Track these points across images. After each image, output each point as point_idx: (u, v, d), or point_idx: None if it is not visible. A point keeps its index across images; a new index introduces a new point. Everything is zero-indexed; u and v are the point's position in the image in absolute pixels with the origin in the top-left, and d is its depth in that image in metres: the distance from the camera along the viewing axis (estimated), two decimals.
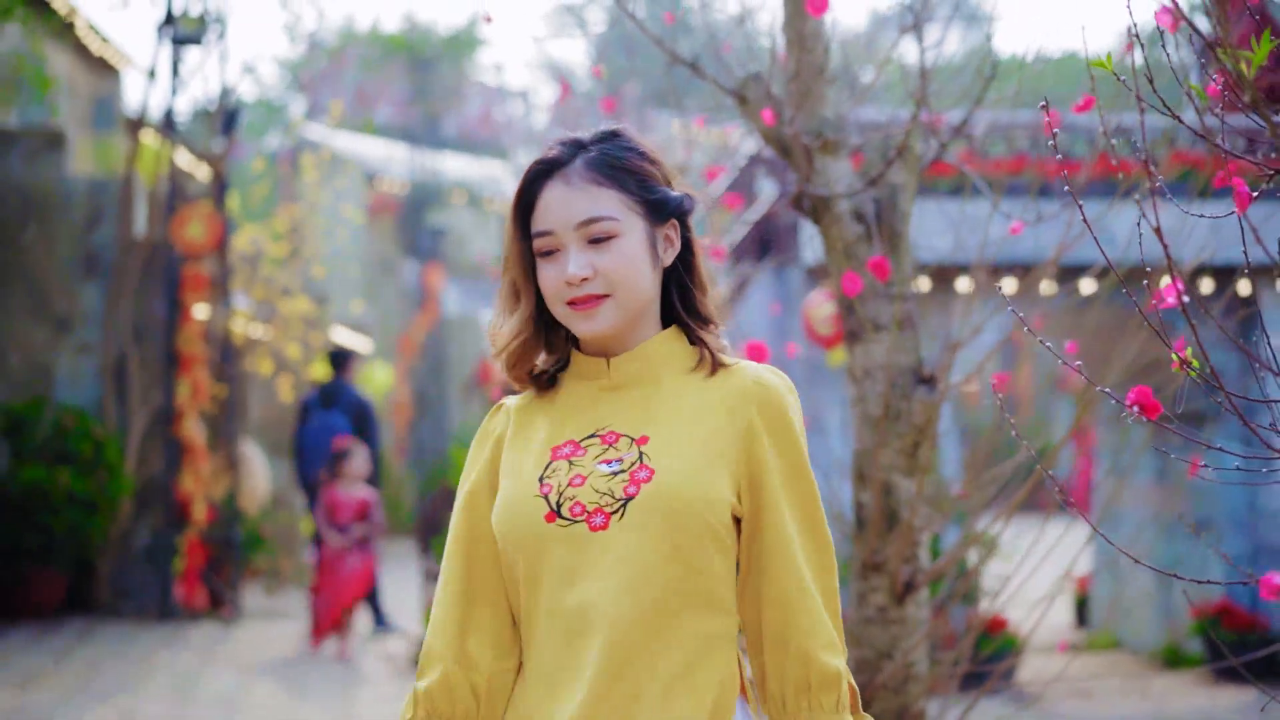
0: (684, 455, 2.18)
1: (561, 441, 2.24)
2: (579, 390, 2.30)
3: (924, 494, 4.10)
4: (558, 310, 2.23)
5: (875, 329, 4.03)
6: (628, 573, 2.13)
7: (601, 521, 2.15)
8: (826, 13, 3.86)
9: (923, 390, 4.03)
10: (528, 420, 2.31)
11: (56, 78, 12.69)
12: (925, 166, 4.23)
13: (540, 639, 2.18)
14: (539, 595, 2.18)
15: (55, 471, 10.77)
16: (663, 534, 2.13)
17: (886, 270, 3.88)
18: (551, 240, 2.21)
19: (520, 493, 2.21)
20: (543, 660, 2.18)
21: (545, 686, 2.16)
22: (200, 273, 11.58)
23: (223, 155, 11.93)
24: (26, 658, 9.42)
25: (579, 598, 2.14)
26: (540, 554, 2.17)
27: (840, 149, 4.11)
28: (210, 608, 11.50)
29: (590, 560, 2.14)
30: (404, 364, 21.13)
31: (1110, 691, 9.31)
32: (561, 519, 2.16)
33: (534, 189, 2.24)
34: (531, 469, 2.23)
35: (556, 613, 2.16)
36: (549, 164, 2.24)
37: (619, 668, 2.11)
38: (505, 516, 2.22)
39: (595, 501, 2.16)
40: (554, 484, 2.19)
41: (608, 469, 2.18)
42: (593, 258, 2.19)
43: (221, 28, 11.81)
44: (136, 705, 8.09)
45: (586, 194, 2.20)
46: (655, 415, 2.23)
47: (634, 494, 2.15)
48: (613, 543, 2.14)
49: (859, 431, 4.13)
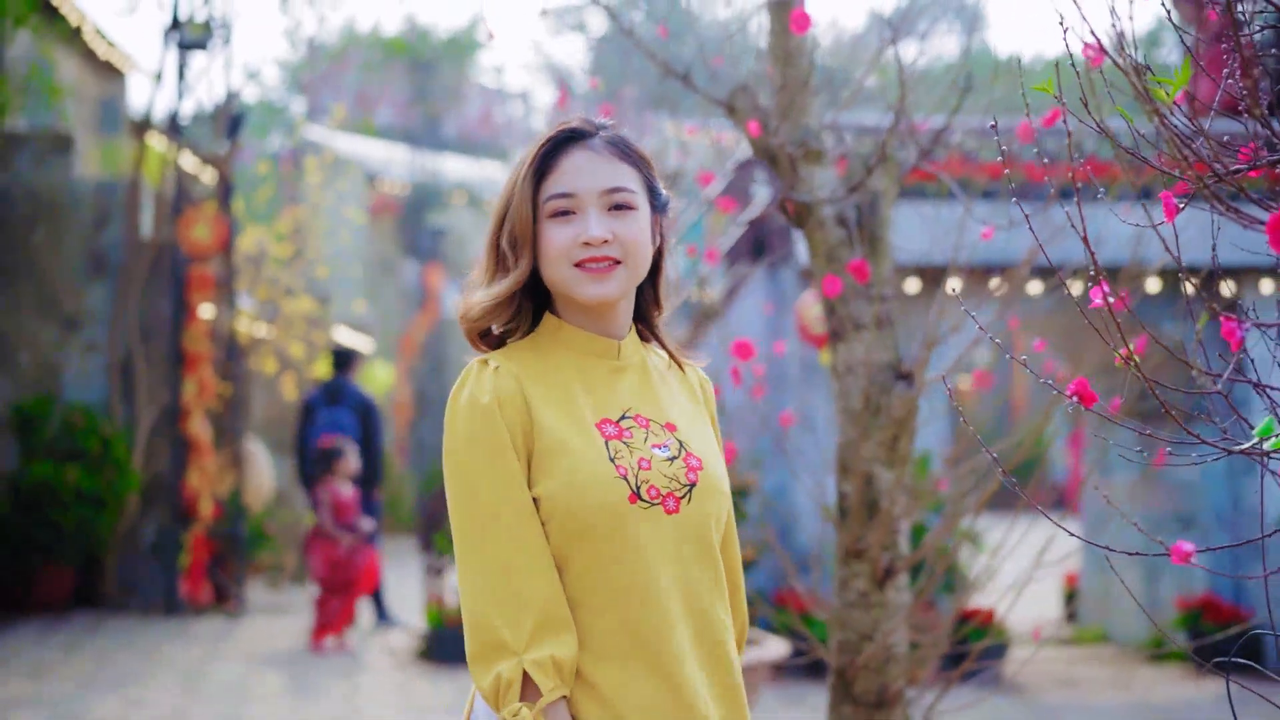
0: (709, 445, 2.37)
1: (601, 419, 2.27)
2: (587, 366, 2.32)
3: (903, 484, 4.31)
4: (562, 271, 2.27)
5: (856, 328, 4.25)
6: (702, 553, 2.29)
7: (674, 506, 2.25)
8: (809, 29, 4.07)
9: (901, 386, 4.25)
10: (543, 386, 2.28)
11: (65, 83, 12.89)
12: (906, 174, 4.45)
13: (631, 615, 2.21)
14: (620, 572, 2.21)
15: (64, 468, 10.99)
16: (716, 518, 2.32)
17: (866, 273, 4.10)
18: (571, 202, 2.27)
19: (597, 472, 2.22)
20: (638, 635, 2.21)
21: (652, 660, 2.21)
22: (206, 273, 11.79)
23: (227, 158, 12.15)
24: (37, 650, 9.64)
25: (655, 582, 2.22)
26: (622, 533, 2.21)
27: (824, 157, 4.33)
28: (215, 602, 11.72)
29: (663, 545, 2.24)
30: (404, 363, 21.34)
31: (1096, 683, 9.52)
32: (642, 501, 2.23)
33: (555, 154, 2.30)
34: (590, 447, 2.24)
35: (633, 598, 2.22)
36: (571, 133, 2.31)
37: (714, 641, 2.28)
38: (582, 494, 2.21)
39: (667, 486, 2.25)
40: (626, 466, 2.24)
41: (662, 454, 2.27)
42: (612, 224, 2.26)
43: (226, 33, 12.02)
44: (146, 695, 8.30)
45: (611, 164, 2.29)
46: (665, 402, 2.36)
47: (695, 481, 2.27)
48: (684, 525, 2.26)
49: (841, 425, 4.34)
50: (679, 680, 2.21)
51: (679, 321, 10.30)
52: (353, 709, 8.20)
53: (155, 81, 11.97)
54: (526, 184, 2.28)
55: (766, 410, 7.38)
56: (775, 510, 9.71)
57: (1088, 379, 2.24)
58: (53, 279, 11.76)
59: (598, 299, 2.27)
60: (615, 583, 2.22)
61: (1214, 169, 1.91)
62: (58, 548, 10.99)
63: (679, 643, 2.23)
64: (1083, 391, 2.25)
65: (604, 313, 2.32)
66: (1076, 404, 2.24)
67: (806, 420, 8.54)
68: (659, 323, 2.41)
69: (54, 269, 11.77)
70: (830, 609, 4.36)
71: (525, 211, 2.27)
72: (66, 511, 10.93)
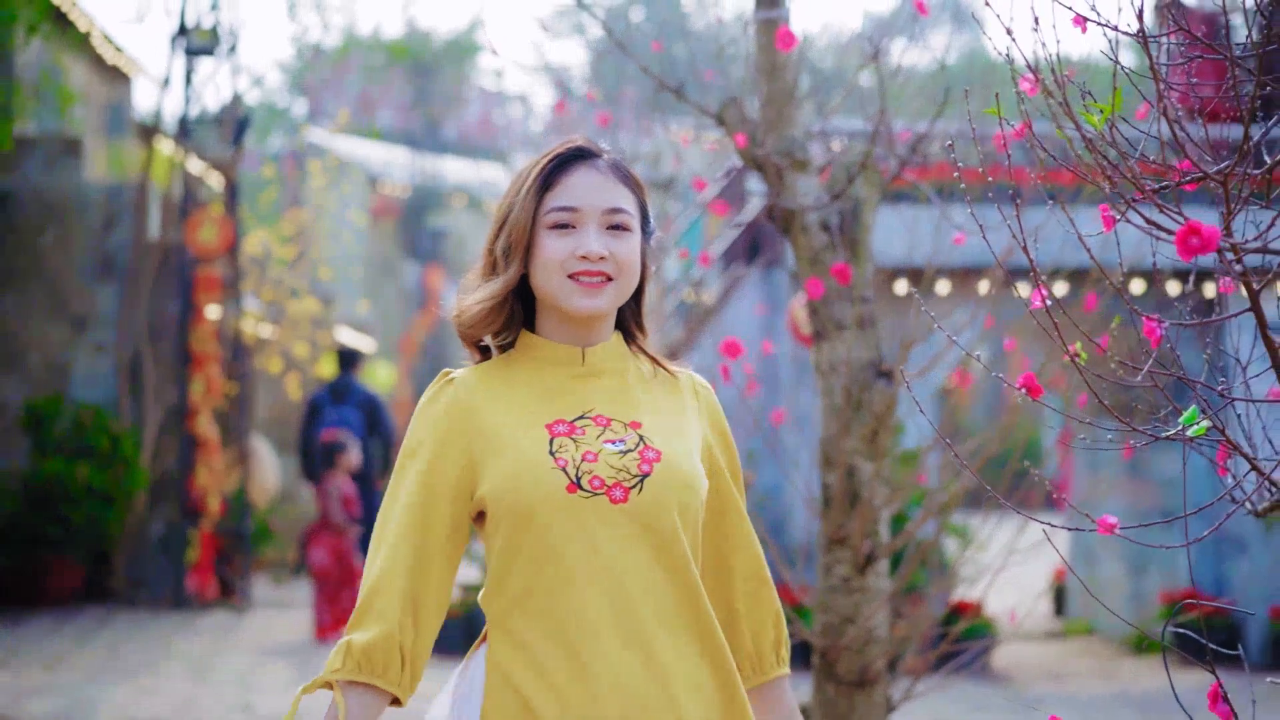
0: (677, 441, 2.39)
1: (553, 420, 2.35)
2: (548, 374, 2.41)
3: (883, 475, 4.57)
4: (554, 282, 2.35)
5: (839, 328, 4.50)
6: (651, 544, 2.31)
7: (621, 495, 2.30)
8: (794, 47, 4.33)
9: (881, 383, 4.51)
10: (495, 395, 2.38)
11: (73, 87, 13.15)
12: (888, 182, 4.70)
13: (563, 607, 2.28)
14: (557, 565, 2.28)
15: (74, 465, 11.24)
16: (673, 510, 2.33)
17: (848, 276, 4.36)
18: (573, 216, 2.35)
19: (534, 465, 2.30)
20: (565, 627, 2.27)
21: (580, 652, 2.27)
22: (212, 275, 12.05)
23: (234, 162, 12.41)
24: (49, 641, 9.90)
25: (603, 567, 2.28)
26: (561, 525, 2.28)
27: (809, 166, 4.58)
28: (221, 597, 11.98)
29: (612, 531, 2.29)
30: (405, 363, 21.61)
31: (1081, 674, 9.77)
32: (583, 490, 2.29)
33: (561, 169, 2.38)
34: (534, 443, 2.32)
35: (579, 581, 2.28)
36: (579, 150, 2.40)
37: (656, 630, 2.30)
38: (517, 486, 2.29)
39: (613, 476, 2.30)
40: (568, 458, 2.31)
41: (614, 448, 2.33)
42: (610, 242, 2.35)
43: (233, 39, 12.28)
44: (157, 684, 8.56)
45: (613, 186, 2.38)
46: (636, 404, 2.41)
47: (648, 472, 2.32)
48: (632, 515, 2.30)
49: (825, 420, 4.60)
50: (595, 662, 2.26)
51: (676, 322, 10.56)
52: None
53: (162, 87, 12.24)
54: (530, 195, 2.36)
55: (759, 409, 7.63)
56: (769, 507, 9.97)
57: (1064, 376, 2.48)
58: (62, 280, 12.01)
59: (588, 311, 2.36)
60: (552, 570, 2.28)
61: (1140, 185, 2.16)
62: (68, 543, 11.25)
63: (606, 627, 2.27)
64: (1029, 384, 2.51)
65: (583, 324, 2.40)
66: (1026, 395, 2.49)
67: (799, 419, 8.79)
68: (639, 333, 2.49)
69: (63, 270, 12.03)
70: (814, 594, 4.62)
71: (524, 220, 2.35)
72: (77, 507, 11.19)
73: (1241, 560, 10.30)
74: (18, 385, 11.84)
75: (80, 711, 7.69)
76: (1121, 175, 2.17)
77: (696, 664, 2.33)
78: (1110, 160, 2.14)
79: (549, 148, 2.44)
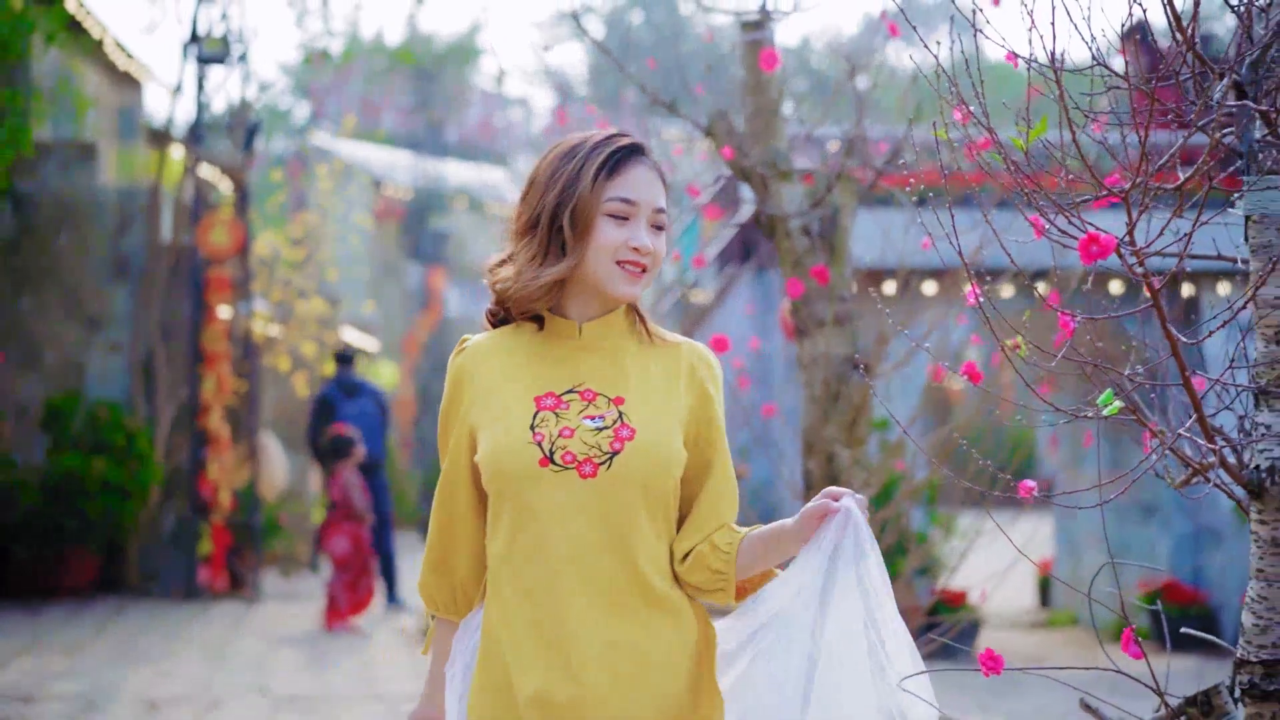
0: (656, 419, 2.51)
1: (543, 392, 2.51)
2: (549, 345, 2.56)
3: (861, 462, 4.94)
4: (604, 265, 2.49)
5: (818, 325, 4.88)
6: (615, 518, 2.46)
7: (590, 470, 2.44)
8: (777, 66, 4.70)
9: (858, 376, 4.88)
10: (497, 363, 2.56)
11: (87, 93, 13.53)
12: (865, 190, 5.07)
13: (532, 571, 2.47)
14: (529, 532, 2.47)
15: (91, 460, 11.62)
16: (641, 486, 2.47)
17: (827, 277, 4.73)
18: (630, 209, 2.50)
19: (514, 439, 2.47)
20: (534, 589, 2.46)
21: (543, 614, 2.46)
22: (223, 276, 12.43)
23: (244, 167, 12.79)
24: (68, 629, 10.28)
25: (569, 536, 2.45)
26: (533, 495, 2.46)
27: (792, 176, 4.96)
28: (232, 589, 12.36)
29: (580, 504, 2.45)
30: (408, 362, 21.99)
31: (1063, 659, 10.13)
32: (554, 465, 2.45)
33: (624, 161, 2.52)
34: (519, 417, 2.49)
35: (547, 548, 2.45)
36: (637, 146, 2.55)
37: (623, 601, 2.45)
38: (498, 458, 2.48)
39: (585, 452, 2.45)
40: (545, 433, 2.46)
41: (592, 424, 2.48)
42: (653, 239, 2.53)
43: (243, 48, 12.66)
44: (174, 668, 8.93)
45: (660, 186, 2.55)
46: (627, 379, 2.54)
47: (619, 449, 2.46)
48: (600, 489, 2.45)
49: (806, 410, 4.97)
50: (563, 629, 2.44)
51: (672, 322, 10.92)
52: (367, 681, 8.83)
53: (174, 93, 12.62)
54: (599, 179, 2.48)
55: (751, 405, 7.98)
56: (762, 498, 10.33)
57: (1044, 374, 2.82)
58: (77, 282, 12.40)
59: (628, 297, 2.53)
60: (521, 538, 2.47)
61: (1052, 199, 2.53)
62: (84, 535, 11.63)
63: (568, 595, 2.44)
64: (970, 372, 2.88)
65: (602, 303, 2.56)
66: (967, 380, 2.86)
67: (789, 414, 9.16)
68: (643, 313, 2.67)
69: (79, 272, 12.41)
70: None
71: (594, 204, 2.48)
72: (93, 501, 11.56)
73: (1218, 551, 10.67)
74: (35, 383, 12.22)
75: (102, 693, 8.06)
76: (1038, 188, 2.54)
77: (661, 636, 2.47)
78: (1027, 176, 2.50)
79: (601, 133, 2.56)
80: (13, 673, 8.58)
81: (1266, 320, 2.66)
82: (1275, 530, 2.69)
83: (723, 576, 2.50)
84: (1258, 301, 2.65)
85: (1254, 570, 2.71)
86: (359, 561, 10.77)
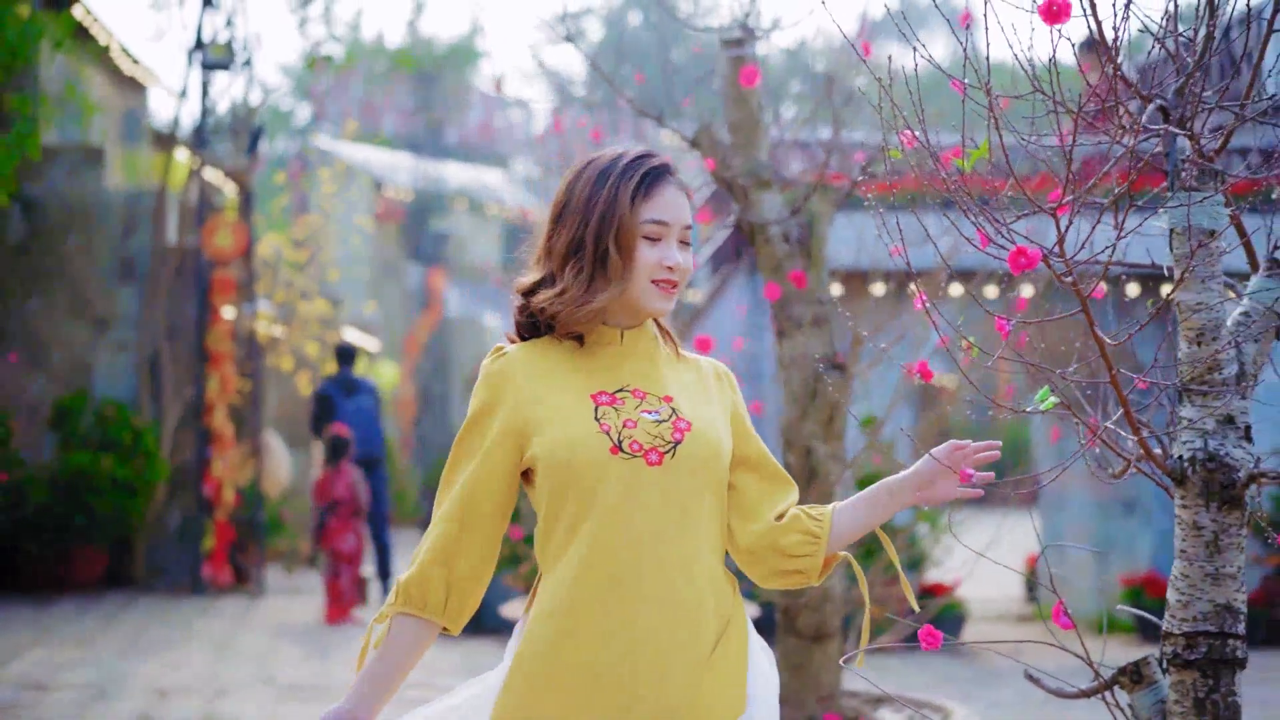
0: (706, 414, 2.66)
1: (596, 391, 2.60)
2: (592, 353, 2.65)
3: (837, 456, 5.21)
4: (641, 284, 2.60)
5: (797, 326, 5.15)
6: (682, 504, 2.57)
7: (656, 459, 2.55)
8: (758, 81, 4.97)
9: (835, 374, 5.15)
10: (543, 369, 2.62)
11: (94, 99, 13.80)
12: (842, 198, 5.35)
13: (604, 559, 2.53)
14: (599, 521, 2.53)
15: (99, 458, 11.90)
16: (702, 473, 2.59)
17: (804, 281, 5.01)
18: (663, 230, 2.60)
19: (582, 430, 2.55)
20: (611, 571, 2.52)
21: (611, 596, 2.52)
22: (227, 277, 12.71)
23: (248, 171, 13.06)
24: (78, 622, 10.56)
25: (642, 522, 2.53)
26: (603, 484, 2.53)
27: (772, 185, 5.23)
28: (236, 584, 12.64)
29: (649, 490, 2.54)
30: (409, 362, 22.25)
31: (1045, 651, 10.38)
32: (624, 453, 2.54)
33: (655, 184, 2.62)
34: (581, 411, 2.57)
35: (621, 535, 2.53)
36: (664, 167, 2.65)
37: (681, 583, 2.55)
38: (569, 449, 2.54)
39: (650, 442, 2.55)
40: (610, 424, 2.56)
41: (651, 417, 2.58)
42: (682, 256, 2.63)
43: (248, 55, 12.93)
44: (182, 659, 9.20)
45: (687, 205, 2.65)
46: (667, 381, 2.66)
47: (680, 439, 2.58)
48: (666, 476, 2.56)
49: (787, 407, 5.25)
50: (623, 607, 2.52)
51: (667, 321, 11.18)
52: None
53: (180, 98, 12.89)
54: (636, 203, 2.59)
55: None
56: None
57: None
58: (85, 283, 12.68)
59: (662, 312, 2.65)
60: (593, 526, 2.53)
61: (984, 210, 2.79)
62: (93, 531, 11.91)
63: (635, 576, 2.53)
64: (922, 370, 3.14)
65: (635, 316, 2.66)
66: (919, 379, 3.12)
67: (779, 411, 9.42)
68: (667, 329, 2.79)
69: (86, 274, 12.69)
70: None
71: (632, 228, 2.59)
72: (101, 498, 11.84)
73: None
74: (44, 382, 12.51)
75: (113, 683, 8.33)
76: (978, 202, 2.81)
77: (712, 614, 2.58)
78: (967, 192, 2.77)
79: (630, 153, 2.65)
80: (26, 663, 8.86)
81: (1188, 323, 2.92)
82: (1196, 514, 2.95)
83: (815, 541, 2.62)
84: (1180, 307, 2.92)
85: (1177, 551, 2.98)
86: (354, 555, 11.08)
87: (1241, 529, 2.97)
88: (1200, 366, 2.91)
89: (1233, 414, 2.92)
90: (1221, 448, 2.90)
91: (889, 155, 3.00)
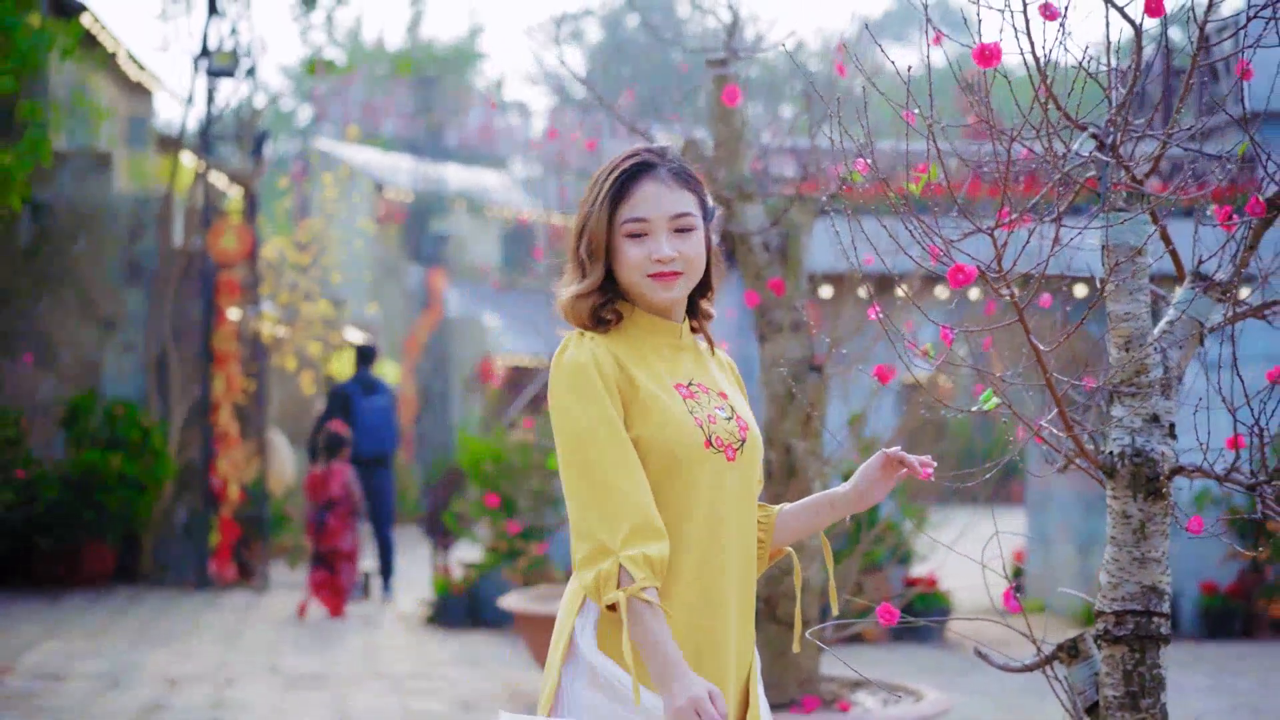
0: (748, 412, 2.82)
1: (675, 383, 2.71)
2: (656, 343, 2.74)
3: (815, 453, 5.52)
4: (637, 280, 2.68)
5: (777, 330, 5.46)
6: (748, 495, 2.74)
7: (731, 455, 2.69)
8: (740, 100, 5.27)
9: (813, 376, 5.46)
10: (623, 353, 2.69)
11: (101, 104, 14.12)
12: (820, 209, 5.65)
13: (692, 538, 2.64)
14: (688, 504, 2.64)
15: (108, 456, 12.22)
16: (754, 471, 2.76)
17: (783, 288, 5.31)
18: (644, 226, 2.67)
19: (684, 419, 2.66)
20: (695, 554, 2.64)
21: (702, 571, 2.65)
22: (232, 279, 13.02)
23: (253, 175, 13.37)
24: (88, 615, 10.87)
25: (722, 509, 2.67)
26: (699, 475, 2.65)
27: (754, 197, 5.54)
28: (240, 579, 12.96)
29: (729, 484, 2.69)
30: (409, 362, 22.55)
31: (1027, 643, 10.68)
32: (712, 448, 2.67)
33: (629, 182, 2.68)
34: (676, 401, 2.67)
35: (712, 525, 2.66)
36: (643, 165, 2.70)
37: (740, 567, 2.72)
38: (678, 436, 2.64)
39: (727, 439, 2.70)
40: (701, 418, 2.68)
41: (722, 414, 2.72)
42: (678, 244, 2.68)
43: (252, 62, 13.24)
44: (192, 649, 9.52)
45: (676, 193, 2.69)
46: (715, 377, 2.80)
47: (745, 438, 2.73)
48: (739, 471, 2.71)
49: (766, 407, 5.55)
50: (720, 597, 2.67)
51: None
52: (372, 660, 9.41)
53: (186, 104, 13.20)
54: (603, 208, 2.67)
55: None
56: None
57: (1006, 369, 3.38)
58: (93, 285, 12.99)
59: (667, 301, 2.72)
60: (692, 513, 2.64)
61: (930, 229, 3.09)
62: (102, 527, 12.24)
63: (728, 566, 2.68)
64: (880, 373, 3.45)
65: (668, 307, 2.75)
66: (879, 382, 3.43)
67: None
68: (709, 312, 2.84)
69: (94, 276, 13.01)
70: None
71: (601, 229, 2.68)
72: (110, 494, 12.16)
73: (1175, 539, 11.22)
74: (52, 382, 12.83)
75: (126, 672, 8.64)
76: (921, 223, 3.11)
77: (752, 594, 2.79)
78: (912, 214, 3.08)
79: (621, 155, 2.73)
80: (40, 654, 9.18)
81: (1117, 331, 3.23)
82: (1125, 504, 3.26)
83: (761, 539, 2.84)
84: (1110, 316, 3.22)
85: (1109, 537, 3.29)
86: (351, 552, 11.42)
87: (1165, 518, 3.28)
88: (1129, 370, 3.22)
89: (1158, 413, 3.22)
90: (1148, 444, 3.21)
91: (851, 179, 3.30)
